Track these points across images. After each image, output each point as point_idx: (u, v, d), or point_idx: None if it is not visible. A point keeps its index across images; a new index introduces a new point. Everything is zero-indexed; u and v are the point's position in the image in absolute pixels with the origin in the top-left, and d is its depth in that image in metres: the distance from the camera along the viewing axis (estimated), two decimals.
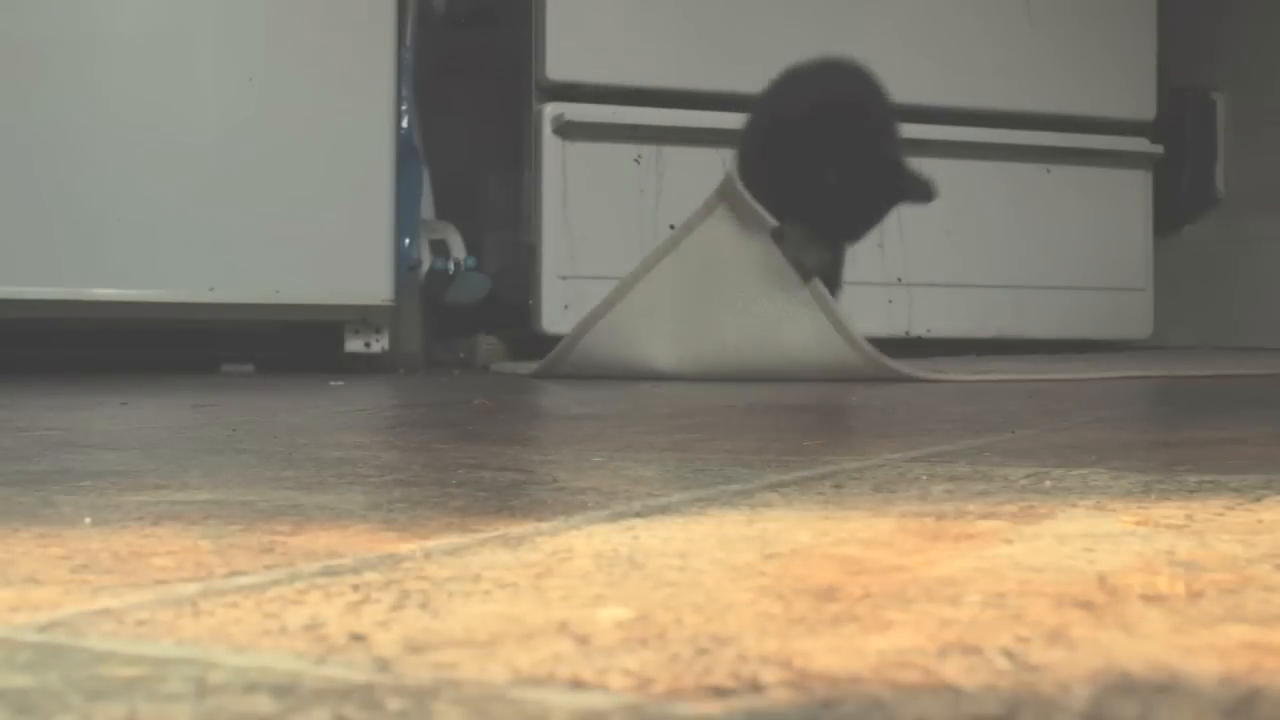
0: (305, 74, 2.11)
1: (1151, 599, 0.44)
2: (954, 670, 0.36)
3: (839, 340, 1.59)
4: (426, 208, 2.40)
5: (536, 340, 2.38)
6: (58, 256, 1.99)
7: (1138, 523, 0.60)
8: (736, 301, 1.63)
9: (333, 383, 1.89)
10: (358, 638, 0.40)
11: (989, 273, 2.63)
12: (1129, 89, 2.75)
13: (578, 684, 0.35)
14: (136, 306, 2.04)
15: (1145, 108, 2.76)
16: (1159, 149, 2.76)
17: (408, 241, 2.25)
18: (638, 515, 0.63)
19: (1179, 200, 2.93)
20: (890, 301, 2.55)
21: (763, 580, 0.48)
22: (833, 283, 1.68)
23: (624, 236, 2.35)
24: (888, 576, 0.48)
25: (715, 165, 2.45)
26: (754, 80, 2.50)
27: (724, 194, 1.65)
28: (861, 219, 1.59)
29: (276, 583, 0.47)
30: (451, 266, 2.34)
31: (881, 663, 0.36)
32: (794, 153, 1.56)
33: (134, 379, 1.92)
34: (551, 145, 2.38)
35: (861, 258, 2.08)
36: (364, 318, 2.17)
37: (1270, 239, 2.85)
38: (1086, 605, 0.43)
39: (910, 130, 2.56)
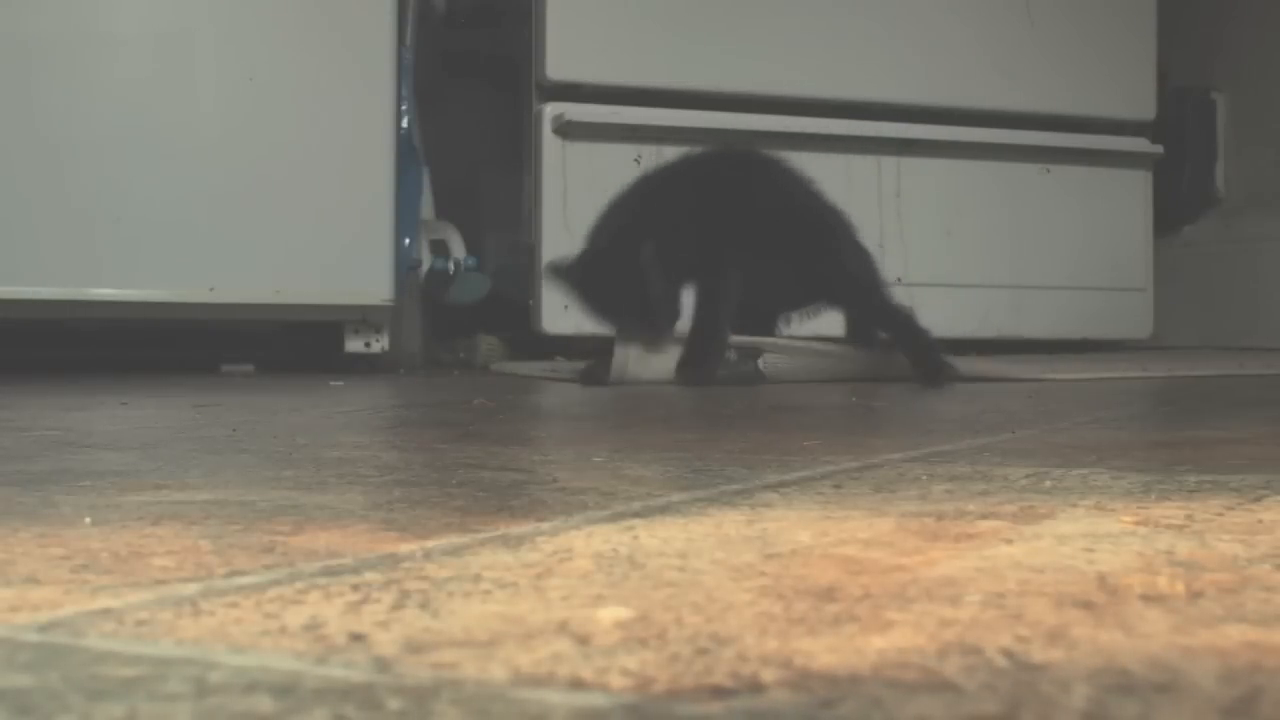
0: (305, 74, 2.11)
1: (1151, 599, 0.44)
2: (954, 670, 0.36)
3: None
4: (426, 208, 2.39)
5: (537, 340, 2.38)
6: (58, 256, 1.99)
7: (1138, 523, 0.60)
8: None
9: (333, 383, 1.89)
10: (358, 638, 0.39)
11: (989, 273, 2.63)
12: (1129, 89, 2.74)
13: (578, 684, 0.35)
14: (136, 306, 2.04)
15: (1145, 108, 2.76)
16: (1159, 149, 2.76)
17: (408, 241, 2.24)
18: (638, 515, 0.63)
19: (1179, 200, 2.93)
20: None
21: (763, 580, 0.48)
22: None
23: None
24: (888, 576, 0.48)
25: None
26: (753, 80, 2.51)
27: None
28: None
29: (276, 583, 0.47)
30: (451, 266, 2.34)
31: (881, 662, 0.36)
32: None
33: (134, 379, 1.92)
34: (551, 145, 2.38)
35: None
36: (364, 318, 2.17)
37: (1270, 239, 2.85)
38: (1086, 605, 0.43)
39: (910, 130, 2.57)
